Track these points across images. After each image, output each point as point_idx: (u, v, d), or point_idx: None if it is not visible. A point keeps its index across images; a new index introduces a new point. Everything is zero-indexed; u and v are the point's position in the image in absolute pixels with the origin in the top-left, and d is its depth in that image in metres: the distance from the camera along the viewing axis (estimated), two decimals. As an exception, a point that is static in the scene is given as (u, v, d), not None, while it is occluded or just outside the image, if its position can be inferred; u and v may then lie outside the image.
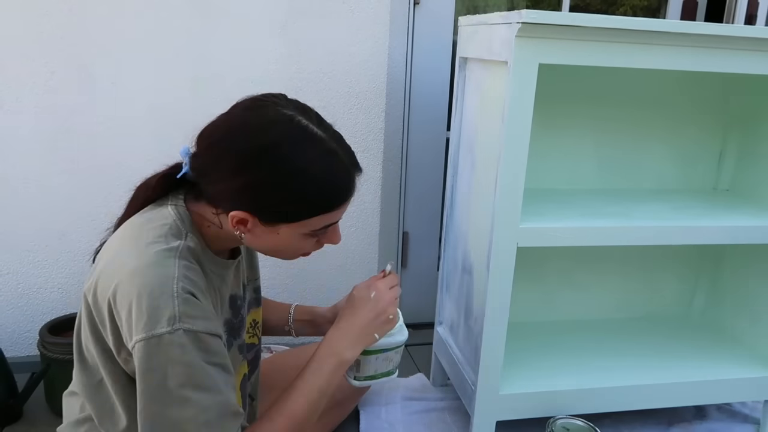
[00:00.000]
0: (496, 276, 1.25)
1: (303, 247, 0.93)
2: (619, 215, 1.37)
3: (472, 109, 1.42)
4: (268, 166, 0.83)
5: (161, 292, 0.80)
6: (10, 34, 1.48)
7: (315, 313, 1.29)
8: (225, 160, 0.84)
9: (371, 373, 1.09)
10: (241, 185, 0.84)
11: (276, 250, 0.93)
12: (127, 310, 0.81)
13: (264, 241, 0.91)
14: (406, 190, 1.90)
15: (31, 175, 1.57)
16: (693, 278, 1.79)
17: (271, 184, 0.83)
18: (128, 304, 0.80)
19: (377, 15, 1.65)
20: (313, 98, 1.69)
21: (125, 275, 0.82)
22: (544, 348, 1.56)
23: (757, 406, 1.62)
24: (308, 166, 0.84)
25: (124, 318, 0.81)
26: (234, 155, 0.84)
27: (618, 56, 1.17)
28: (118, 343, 0.85)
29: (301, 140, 0.84)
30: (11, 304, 1.64)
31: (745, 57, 1.23)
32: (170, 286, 0.81)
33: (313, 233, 0.90)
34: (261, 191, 0.84)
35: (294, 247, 0.93)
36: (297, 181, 0.84)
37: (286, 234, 0.88)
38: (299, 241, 0.91)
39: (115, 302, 0.82)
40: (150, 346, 0.79)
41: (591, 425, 1.30)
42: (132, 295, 0.80)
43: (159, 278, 0.81)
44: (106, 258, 0.88)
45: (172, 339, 0.79)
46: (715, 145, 1.67)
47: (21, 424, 1.46)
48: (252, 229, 0.88)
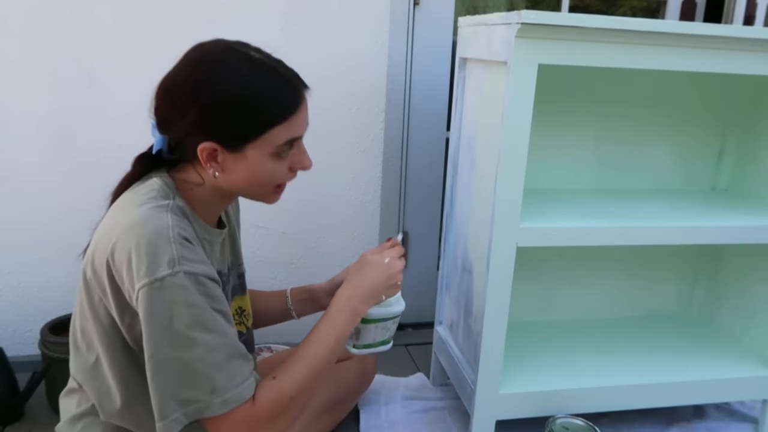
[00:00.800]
0: (496, 275, 1.26)
1: (275, 172, 0.94)
2: (619, 215, 1.38)
3: (472, 109, 1.42)
4: (213, 90, 0.87)
5: (158, 238, 0.82)
6: (10, 34, 1.48)
7: (312, 290, 1.30)
8: (177, 99, 0.89)
9: (369, 342, 1.12)
10: (195, 116, 0.87)
11: (251, 181, 0.93)
12: (126, 263, 0.82)
13: (237, 173, 0.92)
14: (406, 190, 1.90)
15: (32, 175, 1.57)
16: (692, 278, 1.80)
17: (220, 105, 0.87)
18: (127, 256, 0.82)
19: (377, 15, 1.65)
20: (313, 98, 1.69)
21: (121, 232, 0.84)
22: (544, 347, 1.57)
23: (755, 405, 1.63)
24: (251, 81, 0.88)
25: (124, 272, 0.83)
26: (182, 90, 0.88)
27: (617, 57, 1.18)
28: (122, 306, 0.86)
29: (241, 61, 0.89)
30: (12, 304, 1.65)
31: (743, 57, 1.23)
32: (166, 233, 0.83)
33: (278, 153, 0.92)
34: (214, 115, 0.87)
35: (266, 172, 0.93)
36: (243, 96, 0.87)
37: (255, 157, 0.90)
38: (269, 164, 0.92)
39: (113, 261, 0.84)
40: (153, 290, 0.81)
41: (590, 424, 1.30)
42: (130, 247, 0.82)
43: (155, 228, 0.83)
44: (100, 231, 0.90)
45: (174, 281, 0.81)
46: (714, 145, 1.68)
47: (22, 424, 1.46)
48: (223, 162, 0.90)
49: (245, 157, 0.90)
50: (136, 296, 0.82)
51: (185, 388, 0.84)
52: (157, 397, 0.84)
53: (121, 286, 0.85)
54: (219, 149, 0.89)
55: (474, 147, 1.40)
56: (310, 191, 1.74)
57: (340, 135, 1.72)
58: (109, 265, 0.85)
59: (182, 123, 0.89)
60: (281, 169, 0.95)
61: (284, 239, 1.76)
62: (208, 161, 0.90)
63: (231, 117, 0.87)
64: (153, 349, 0.83)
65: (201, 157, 0.90)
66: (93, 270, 0.88)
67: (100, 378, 0.93)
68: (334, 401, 1.37)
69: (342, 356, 1.42)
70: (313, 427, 1.32)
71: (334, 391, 1.37)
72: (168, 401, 0.83)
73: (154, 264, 0.81)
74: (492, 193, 1.24)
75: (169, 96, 0.90)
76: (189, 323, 0.82)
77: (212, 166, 0.91)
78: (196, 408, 0.84)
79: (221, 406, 0.85)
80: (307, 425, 1.30)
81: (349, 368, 1.42)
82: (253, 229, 1.73)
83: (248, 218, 1.72)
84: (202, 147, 0.88)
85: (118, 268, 0.84)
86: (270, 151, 0.91)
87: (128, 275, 0.83)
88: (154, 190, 0.91)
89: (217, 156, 0.90)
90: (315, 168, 1.73)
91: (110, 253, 0.84)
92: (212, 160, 0.90)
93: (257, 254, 1.75)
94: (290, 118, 0.91)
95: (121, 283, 0.85)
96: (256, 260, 1.75)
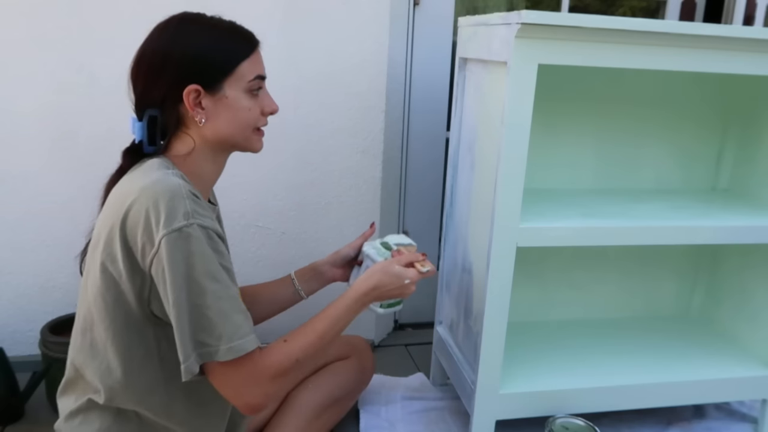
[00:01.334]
0: (496, 275, 1.26)
1: (252, 110, 1.01)
2: (619, 215, 1.38)
3: (472, 109, 1.43)
4: (185, 41, 0.97)
5: (173, 194, 0.89)
6: (9, 34, 1.48)
7: (316, 266, 1.34)
8: (152, 64, 0.97)
9: (392, 302, 1.21)
10: (174, 69, 0.96)
11: (233, 121, 1.00)
12: (144, 220, 0.88)
13: (220, 117, 0.99)
14: (406, 189, 1.90)
15: (32, 175, 1.57)
16: (692, 277, 1.80)
17: (193, 50, 0.96)
18: (144, 213, 0.88)
19: (377, 15, 1.65)
20: (313, 98, 1.70)
21: (135, 196, 0.90)
22: (544, 347, 1.57)
23: (755, 405, 1.63)
24: (214, 26, 0.99)
25: (140, 230, 0.88)
26: (154, 55, 0.97)
27: (617, 57, 1.18)
28: (133, 270, 0.91)
29: (199, 16, 1.00)
30: (13, 304, 1.65)
31: (743, 57, 1.23)
32: (179, 190, 0.90)
33: (251, 90, 1.00)
34: (190, 60, 0.96)
35: (245, 110, 1.01)
36: (212, 38, 0.98)
37: (233, 95, 0.98)
38: (245, 101, 1.00)
39: (126, 224, 0.89)
40: (172, 240, 0.87)
41: (590, 424, 1.30)
42: (147, 205, 0.88)
43: (168, 186, 0.90)
44: (105, 212, 0.95)
45: (190, 232, 0.88)
46: (714, 145, 1.68)
47: (22, 423, 1.46)
48: (207, 107, 0.97)
49: (225, 97, 0.98)
50: (156, 249, 0.87)
51: (198, 332, 0.89)
52: (180, 340, 0.89)
53: (134, 247, 0.89)
54: (201, 92, 0.96)
55: (474, 147, 1.41)
56: (310, 191, 1.74)
57: (339, 135, 1.72)
58: (123, 229, 0.89)
59: (162, 81, 0.96)
60: (257, 108, 1.02)
61: (284, 239, 1.77)
62: (194, 107, 0.97)
63: (205, 57, 0.96)
64: (174, 296, 0.88)
65: (187, 103, 0.96)
66: (104, 244, 0.92)
67: (99, 355, 0.96)
68: (333, 400, 1.37)
69: (340, 356, 1.43)
70: (312, 426, 1.32)
71: (333, 390, 1.37)
72: (187, 343, 0.89)
73: (171, 216, 0.87)
74: (492, 193, 1.24)
75: (144, 65, 0.98)
76: (202, 272, 0.89)
77: (198, 113, 0.97)
78: (207, 351, 0.89)
79: (226, 353, 0.89)
80: (306, 424, 1.31)
81: (348, 367, 1.42)
82: (253, 229, 1.73)
83: (248, 218, 1.73)
84: (187, 91, 0.95)
85: (132, 228, 0.89)
86: (243, 87, 0.99)
87: (145, 231, 0.88)
88: (154, 165, 0.96)
89: (201, 101, 0.97)
90: (315, 168, 1.75)
91: (123, 218, 0.89)
92: (198, 106, 0.97)
93: (257, 254, 1.76)
94: (252, 53, 1.00)
95: (134, 243, 0.89)
96: (256, 260, 1.75)
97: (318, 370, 1.40)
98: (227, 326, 0.90)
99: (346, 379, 1.41)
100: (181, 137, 1.00)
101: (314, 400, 1.33)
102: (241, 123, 1.01)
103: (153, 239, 0.87)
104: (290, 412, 1.31)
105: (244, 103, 1.00)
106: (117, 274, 0.92)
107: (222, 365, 0.91)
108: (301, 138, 1.69)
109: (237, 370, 0.92)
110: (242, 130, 1.02)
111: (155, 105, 0.97)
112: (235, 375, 0.92)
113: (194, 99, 0.96)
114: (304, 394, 1.33)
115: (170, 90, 0.96)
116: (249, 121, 1.02)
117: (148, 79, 0.97)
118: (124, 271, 0.91)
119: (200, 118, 0.98)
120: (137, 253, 0.90)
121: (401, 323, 2.05)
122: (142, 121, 0.98)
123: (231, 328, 0.90)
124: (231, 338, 0.90)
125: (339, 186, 1.76)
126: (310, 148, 1.71)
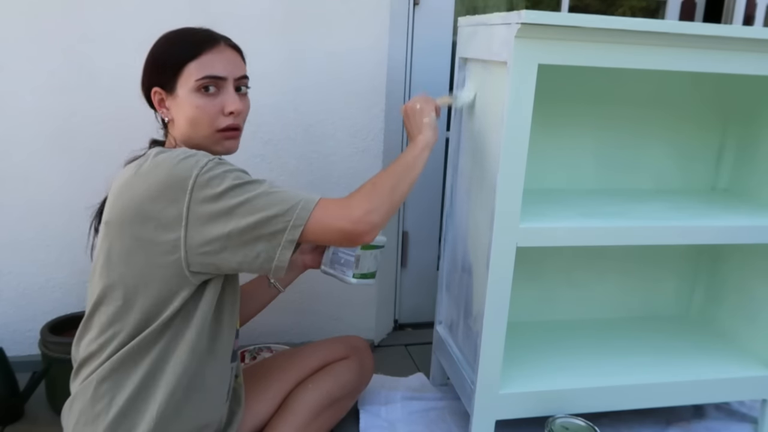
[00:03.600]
0: (496, 275, 1.26)
1: (205, 108, 1.07)
2: (619, 215, 1.38)
3: (472, 109, 1.42)
4: (150, 52, 1.11)
5: (185, 153, 0.99)
6: (9, 34, 1.48)
7: None
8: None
9: (364, 271, 1.31)
10: (143, 74, 1.12)
11: (190, 120, 1.07)
12: (170, 179, 0.95)
13: (179, 115, 1.08)
14: (405, 189, 1.90)
15: (31, 175, 1.57)
16: (692, 278, 1.80)
17: (151, 57, 1.11)
18: (168, 173, 0.96)
19: (377, 15, 1.65)
20: (313, 98, 1.70)
21: (152, 166, 0.98)
22: (544, 347, 1.57)
23: (755, 405, 1.63)
24: (169, 36, 1.11)
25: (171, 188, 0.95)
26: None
27: (617, 57, 1.18)
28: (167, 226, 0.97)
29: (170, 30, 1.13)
30: (12, 304, 1.65)
31: (743, 58, 1.23)
32: (188, 150, 1.01)
33: (199, 89, 1.06)
34: (149, 66, 1.11)
35: (197, 108, 1.07)
36: (164, 45, 1.10)
37: (184, 95, 1.06)
38: (195, 99, 1.06)
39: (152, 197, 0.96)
40: (204, 174, 0.96)
41: (590, 424, 1.30)
42: (167, 166, 0.97)
43: (176, 152, 1.00)
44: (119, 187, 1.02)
45: (217, 161, 0.99)
46: (714, 145, 1.68)
47: (22, 424, 1.46)
48: (168, 107, 1.09)
49: (178, 96, 1.07)
50: (191, 191, 0.95)
51: (281, 204, 0.98)
52: (260, 240, 0.97)
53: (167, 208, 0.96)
54: (162, 92, 1.08)
55: (474, 147, 1.41)
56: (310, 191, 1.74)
57: (339, 135, 1.72)
58: (150, 197, 0.96)
59: (144, 88, 1.12)
60: (211, 107, 1.07)
61: (284, 239, 1.76)
62: (159, 108, 1.09)
63: (158, 60, 1.09)
64: (232, 211, 0.95)
65: (154, 102, 1.09)
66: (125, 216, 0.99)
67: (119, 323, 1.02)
68: (333, 400, 1.37)
69: (340, 356, 1.43)
70: (311, 426, 1.32)
71: (332, 390, 1.37)
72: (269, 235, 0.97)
73: (193, 162, 0.97)
74: (492, 194, 1.24)
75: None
76: (245, 176, 0.99)
77: (163, 112, 1.10)
78: (301, 207, 0.99)
79: (315, 196, 1.01)
80: (305, 424, 1.31)
81: (348, 367, 1.42)
82: (252, 228, 1.73)
83: (248, 218, 1.72)
84: (153, 92, 1.09)
85: (162, 191, 0.96)
86: (191, 86, 1.06)
87: (178, 186, 0.95)
88: (153, 150, 1.05)
89: (164, 101, 1.09)
90: (315, 168, 1.74)
91: (147, 190, 0.97)
92: (162, 106, 1.09)
93: (257, 254, 1.75)
94: (201, 56, 1.06)
95: (169, 203, 0.96)
96: (255, 260, 1.75)
97: (318, 370, 1.40)
98: (292, 193, 1.00)
99: (346, 379, 1.41)
100: (168, 131, 1.13)
101: (313, 400, 1.33)
102: (196, 122, 1.07)
103: (188, 185, 0.95)
104: (289, 412, 1.31)
105: (194, 101, 1.06)
106: (150, 240, 0.98)
107: (312, 219, 0.98)
108: (301, 138, 1.69)
109: (324, 209, 1.00)
110: (200, 129, 1.08)
111: (149, 103, 1.13)
112: (327, 213, 1.00)
113: (159, 100, 1.09)
114: (303, 394, 1.33)
115: (145, 90, 1.11)
116: (204, 120, 1.07)
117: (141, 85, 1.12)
118: (158, 235, 0.97)
119: (166, 117, 1.10)
120: (172, 207, 0.96)
121: (401, 323, 2.05)
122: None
123: (294, 193, 1.01)
124: (301, 194, 1.00)
125: (339, 186, 1.76)
126: (310, 148, 1.71)
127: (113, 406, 1.00)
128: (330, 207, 1.01)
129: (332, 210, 1.01)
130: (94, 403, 1.01)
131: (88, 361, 1.04)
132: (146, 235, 0.97)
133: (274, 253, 0.98)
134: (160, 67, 1.08)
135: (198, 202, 0.95)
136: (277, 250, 0.98)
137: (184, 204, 0.95)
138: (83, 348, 1.05)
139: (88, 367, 1.04)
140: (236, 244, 0.97)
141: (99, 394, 1.01)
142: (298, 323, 1.84)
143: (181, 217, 0.96)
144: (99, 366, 1.02)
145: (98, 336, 1.03)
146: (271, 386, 1.33)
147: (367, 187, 1.08)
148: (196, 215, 0.96)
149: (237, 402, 1.21)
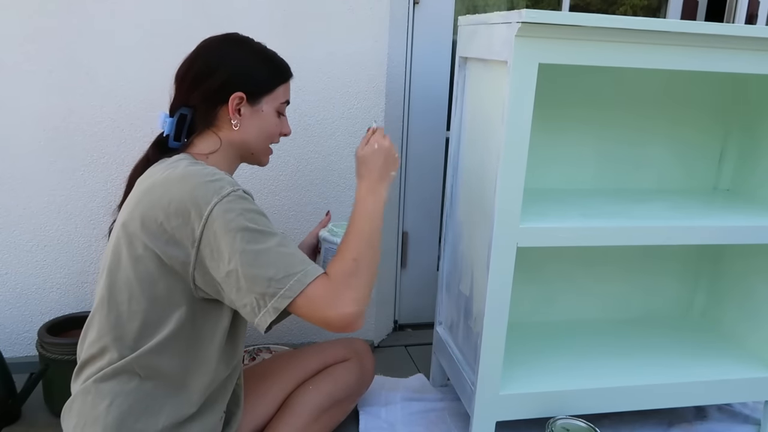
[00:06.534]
0: (496, 276, 1.25)
1: (276, 128, 1.16)
2: (619, 215, 1.37)
3: (472, 108, 1.42)
4: (240, 53, 1.13)
5: (214, 175, 1.00)
6: (8, 33, 1.47)
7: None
8: (207, 65, 1.10)
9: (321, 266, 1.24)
10: (226, 75, 1.09)
11: (261, 132, 1.14)
12: (190, 199, 0.96)
13: (252, 125, 1.12)
14: (406, 190, 1.90)
15: (29, 175, 1.57)
16: (693, 278, 1.79)
17: (246, 63, 1.12)
18: (190, 192, 0.97)
19: (377, 15, 1.65)
20: (313, 98, 1.70)
21: (176, 184, 0.99)
22: (544, 348, 1.56)
23: (757, 406, 1.62)
24: (262, 48, 1.16)
25: (189, 209, 0.96)
26: (210, 59, 1.11)
27: (618, 56, 1.17)
28: (177, 244, 0.98)
29: (245, 39, 1.16)
30: (10, 304, 1.64)
31: (745, 57, 1.23)
32: (217, 172, 1.02)
33: (279, 111, 1.16)
34: (243, 71, 1.11)
35: (273, 126, 1.15)
36: (263, 58, 1.14)
37: (267, 110, 1.13)
38: (274, 118, 1.15)
39: (169, 212, 0.97)
40: (224, 204, 0.96)
41: (591, 426, 1.30)
42: (191, 185, 0.98)
43: (207, 171, 1.01)
44: (141, 193, 1.02)
45: (238, 194, 0.99)
46: (716, 145, 1.67)
47: (19, 425, 1.45)
48: (244, 113, 1.11)
49: (261, 110, 1.12)
50: (209, 215, 0.95)
51: (280, 268, 0.96)
52: (247, 290, 0.96)
53: (178, 230, 0.97)
54: (244, 100, 1.09)
55: (474, 147, 1.40)
56: (310, 192, 1.74)
57: (339, 135, 1.71)
58: (167, 212, 0.97)
59: (205, 87, 1.09)
60: (278, 128, 1.17)
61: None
62: (234, 112, 1.09)
63: (256, 72, 1.12)
64: (239, 253, 0.95)
65: (231, 106, 1.09)
66: (141, 223, 0.99)
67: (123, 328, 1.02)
68: (333, 402, 1.36)
69: (341, 358, 1.42)
70: (311, 428, 1.31)
71: (333, 392, 1.36)
72: (259, 289, 0.95)
73: (218, 188, 0.97)
74: (492, 193, 1.23)
75: (192, 72, 1.10)
76: (261, 222, 0.99)
77: (236, 117, 1.10)
78: (296, 279, 0.96)
79: (314, 272, 0.98)
80: (305, 426, 1.30)
81: (348, 369, 1.42)
82: (252, 229, 1.73)
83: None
84: (233, 96, 1.08)
85: (180, 205, 0.96)
86: (275, 106, 1.14)
87: (196, 209, 0.96)
88: (184, 160, 1.05)
89: (240, 108, 1.10)
90: (315, 168, 1.74)
91: (167, 205, 0.97)
92: (237, 111, 1.10)
93: (256, 254, 1.75)
94: (288, 82, 1.17)
95: (179, 228, 0.97)
96: (255, 260, 1.75)
97: (319, 372, 1.39)
98: (300, 256, 0.99)
99: (347, 381, 1.41)
100: (207, 137, 1.11)
101: (314, 402, 1.33)
102: (265, 135, 1.15)
103: (205, 210, 0.95)
104: (290, 413, 1.30)
105: (273, 119, 1.15)
106: (161, 251, 0.98)
107: (302, 295, 0.96)
108: (301, 138, 1.68)
109: (315, 291, 0.97)
110: (262, 142, 1.16)
111: (189, 105, 1.10)
112: (317, 296, 0.98)
113: (236, 104, 1.09)
114: (303, 395, 1.33)
115: (214, 94, 1.09)
116: (272, 136, 1.17)
117: (192, 84, 1.10)
118: (169, 249, 0.98)
119: (236, 122, 1.10)
120: (186, 227, 0.96)
121: (401, 324, 2.05)
122: (173, 118, 1.10)
123: (303, 257, 1.00)
124: (307, 262, 0.99)
125: (339, 186, 1.75)
126: (310, 148, 1.70)
127: (114, 409, 0.99)
128: (322, 290, 0.98)
129: (323, 294, 0.98)
130: (94, 404, 1.00)
131: (90, 362, 1.04)
132: (158, 247, 0.98)
133: (258, 312, 0.97)
134: (254, 79, 1.11)
135: (211, 230, 0.96)
136: (261, 311, 0.96)
137: (199, 228, 0.96)
138: (86, 349, 1.05)
139: (90, 368, 1.04)
140: (231, 285, 0.97)
141: (100, 396, 1.00)
142: (298, 323, 1.83)
143: (195, 240, 0.97)
144: (100, 369, 1.01)
145: (100, 338, 1.03)
146: (271, 387, 1.33)
147: (350, 267, 1.03)
148: (207, 240, 0.96)
149: (236, 403, 1.21)
